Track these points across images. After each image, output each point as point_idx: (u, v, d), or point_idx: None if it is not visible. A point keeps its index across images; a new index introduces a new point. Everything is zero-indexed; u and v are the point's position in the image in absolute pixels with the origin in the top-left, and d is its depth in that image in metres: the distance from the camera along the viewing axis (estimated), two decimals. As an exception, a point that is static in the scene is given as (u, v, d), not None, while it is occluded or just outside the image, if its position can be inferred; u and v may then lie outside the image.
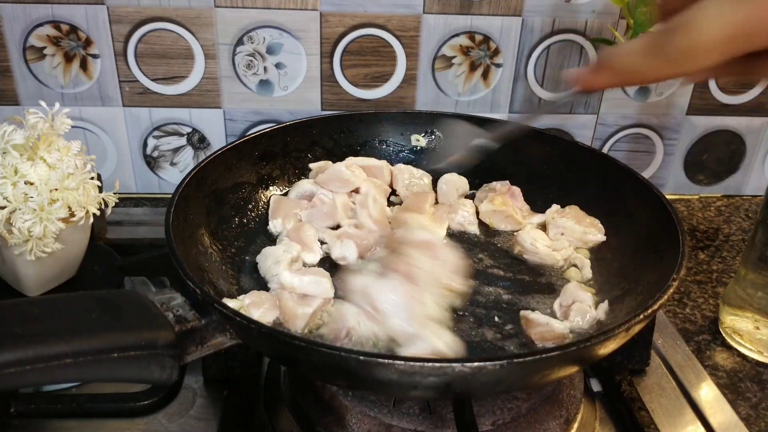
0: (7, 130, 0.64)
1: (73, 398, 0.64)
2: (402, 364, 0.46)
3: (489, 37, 0.95)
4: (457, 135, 0.86)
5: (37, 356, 0.42)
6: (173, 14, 0.90)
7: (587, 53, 0.97)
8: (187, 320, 0.51)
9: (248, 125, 0.99)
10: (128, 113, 0.96)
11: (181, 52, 0.92)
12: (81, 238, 0.72)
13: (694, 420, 0.67)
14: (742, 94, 1.03)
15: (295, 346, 0.48)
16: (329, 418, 0.61)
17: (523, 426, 0.60)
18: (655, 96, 1.02)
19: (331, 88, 0.97)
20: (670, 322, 0.80)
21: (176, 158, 1.01)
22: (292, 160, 0.84)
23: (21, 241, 0.64)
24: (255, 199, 0.79)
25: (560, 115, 1.02)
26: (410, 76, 0.97)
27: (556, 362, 0.49)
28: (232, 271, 0.69)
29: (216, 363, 0.67)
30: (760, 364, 0.75)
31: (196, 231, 0.68)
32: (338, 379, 0.54)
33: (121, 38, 0.91)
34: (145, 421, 0.63)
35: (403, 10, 0.92)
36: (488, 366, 0.46)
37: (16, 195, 0.63)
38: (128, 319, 0.48)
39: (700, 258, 0.95)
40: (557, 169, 0.82)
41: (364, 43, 0.94)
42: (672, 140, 1.07)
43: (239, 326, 0.51)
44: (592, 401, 0.68)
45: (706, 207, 1.09)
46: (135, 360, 0.46)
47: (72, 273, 0.74)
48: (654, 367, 0.73)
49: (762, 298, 0.74)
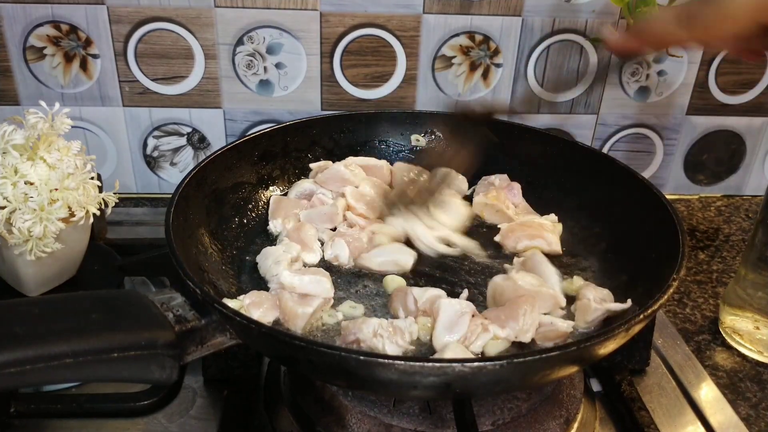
0: (7, 130, 0.64)
1: (73, 398, 0.64)
2: (402, 364, 0.46)
3: (489, 37, 0.95)
4: (457, 134, 0.87)
5: (37, 356, 0.42)
6: (173, 14, 0.90)
7: (587, 53, 0.97)
8: (187, 320, 0.51)
9: (248, 125, 0.99)
10: (128, 113, 0.96)
11: (181, 52, 0.92)
12: (81, 238, 0.72)
13: (694, 420, 0.67)
14: (742, 94, 1.03)
15: (295, 346, 0.48)
16: (329, 418, 0.61)
17: (523, 426, 0.60)
18: (655, 96, 1.02)
19: (331, 88, 0.97)
20: (670, 322, 0.80)
21: (176, 158, 1.01)
22: (292, 160, 0.84)
23: (21, 241, 0.64)
24: (255, 199, 0.79)
25: (560, 115, 1.02)
26: (410, 76, 0.97)
27: (556, 362, 0.49)
28: (231, 271, 0.69)
29: (216, 363, 0.67)
30: (760, 364, 0.75)
31: (196, 231, 0.68)
32: (338, 379, 0.54)
33: (121, 38, 0.91)
34: (145, 421, 0.63)
35: (403, 10, 0.92)
36: (488, 366, 0.46)
37: (16, 195, 0.63)
38: (128, 319, 0.48)
39: (700, 258, 0.95)
40: (557, 168, 0.82)
41: (364, 43, 0.94)
42: (672, 140, 1.07)
43: (239, 326, 0.51)
44: (592, 401, 0.68)
45: (706, 207, 1.09)
46: (135, 360, 0.46)
47: (72, 273, 0.74)
48: (654, 367, 0.73)
49: (762, 298, 0.74)
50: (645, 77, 1.00)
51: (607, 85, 1.00)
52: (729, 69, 1.01)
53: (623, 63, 0.92)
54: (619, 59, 0.62)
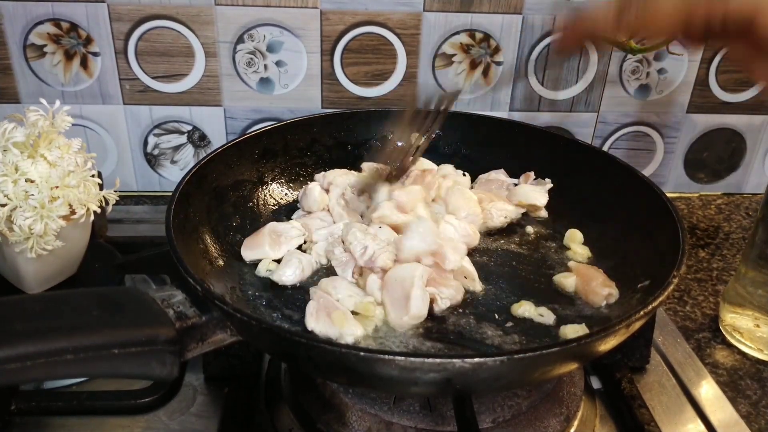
0: (7, 127, 0.64)
1: (74, 395, 0.64)
2: (402, 360, 0.46)
3: (489, 35, 0.95)
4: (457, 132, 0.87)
5: (37, 352, 0.42)
6: (174, 12, 0.90)
7: (588, 51, 0.97)
8: (188, 317, 0.51)
9: (249, 123, 0.99)
10: (129, 111, 0.96)
11: (182, 50, 0.92)
12: (82, 236, 0.72)
13: (695, 418, 0.67)
14: (743, 92, 1.03)
15: (295, 342, 0.48)
16: (330, 415, 0.61)
17: (524, 423, 0.60)
18: (655, 94, 1.02)
19: (332, 86, 0.97)
20: (671, 320, 0.80)
21: (177, 156, 1.01)
22: (293, 158, 0.84)
23: (22, 239, 0.64)
24: (256, 197, 0.79)
25: (560, 113, 1.02)
26: (411, 74, 0.97)
27: (556, 358, 0.49)
28: (232, 269, 0.69)
29: (216, 361, 0.67)
30: (760, 361, 0.75)
31: (196, 229, 0.68)
32: (338, 375, 0.54)
33: (121, 36, 0.91)
34: (146, 419, 0.63)
35: (404, 7, 0.92)
36: (488, 362, 0.46)
37: (17, 193, 0.63)
38: (129, 316, 0.48)
39: (700, 256, 0.95)
40: (557, 167, 0.82)
41: (364, 41, 0.94)
42: (672, 138, 1.07)
43: (239, 323, 0.51)
44: (592, 399, 0.68)
45: (706, 205, 1.09)
46: (135, 356, 0.46)
47: (73, 271, 0.74)
48: (654, 365, 0.73)
49: (762, 296, 0.74)
50: (645, 75, 1.00)
51: (607, 83, 1.00)
52: (729, 67, 1.01)
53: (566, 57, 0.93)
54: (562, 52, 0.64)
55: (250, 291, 0.66)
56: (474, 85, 0.98)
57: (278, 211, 0.80)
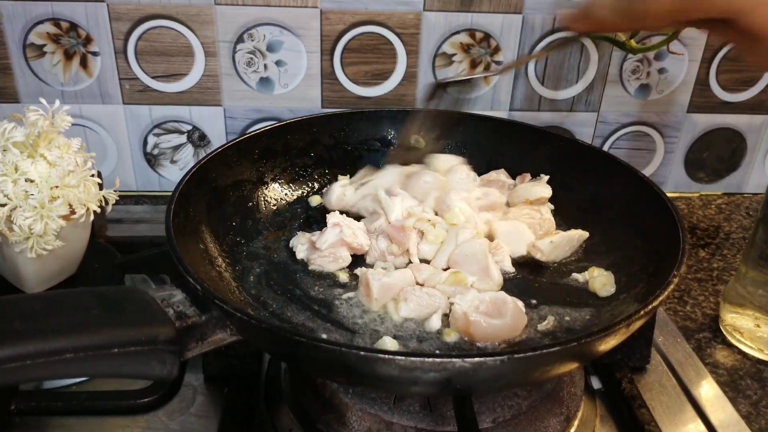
0: (7, 127, 0.64)
1: (73, 395, 0.64)
2: (402, 360, 0.46)
3: (489, 35, 0.95)
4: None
5: (37, 351, 0.42)
6: (173, 11, 0.90)
7: (588, 50, 0.97)
8: (188, 316, 0.51)
9: (248, 123, 0.99)
10: (128, 111, 0.96)
11: (182, 50, 0.92)
12: (81, 236, 0.72)
13: (695, 417, 0.67)
14: (743, 91, 1.03)
15: (295, 342, 0.48)
16: (330, 415, 0.61)
17: (524, 423, 0.60)
18: (655, 94, 1.02)
19: (332, 86, 0.97)
20: (671, 320, 0.80)
21: (176, 156, 1.01)
22: (293, 158, 0.84)
23: (22, 239, 0.64)
24: (256, 197, 0.79)
25: (561, 113, 1.02)
26: (411, 74, 0.97)
27: (556, 358, 0.49)
28: (232, 268, 0.69)
29: (216, 361, 0.67)
30: (761, 361, 0.75)
31: (196, 228, 0.68)
32: (338, 375, 0.54)
33: (121, 36, 0.91)
34: (146, 419, 0.63)
35: (404, 7, 0.92)
36: (488, 361, 0.46)
37: (17, 192, 0.63)
38: (129, 315, 0.48)
39: (700, 256, 0.95)
40: (558, 166, 0.82)
41: (364, 41, 0.94)
42: (673, 138, 1.07)
43: (239, 322, 0.51)
44: (592, 399, 0.68)
45: (706, 205, 1.09)
46: (135, 355, 0.46)
47: (72, 271, 0.74)
48: (654, 365, 0.73)
49: (762, 295, 0.74)
50: (646, 75, 1.00)
51: (607, 83, 1.00)
52: (730, 67, 1.01)
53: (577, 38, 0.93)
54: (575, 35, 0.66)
55: (250, 291, 0.66)
56: (474, 85, 0.98)
57: (278, 211, 0.80)
